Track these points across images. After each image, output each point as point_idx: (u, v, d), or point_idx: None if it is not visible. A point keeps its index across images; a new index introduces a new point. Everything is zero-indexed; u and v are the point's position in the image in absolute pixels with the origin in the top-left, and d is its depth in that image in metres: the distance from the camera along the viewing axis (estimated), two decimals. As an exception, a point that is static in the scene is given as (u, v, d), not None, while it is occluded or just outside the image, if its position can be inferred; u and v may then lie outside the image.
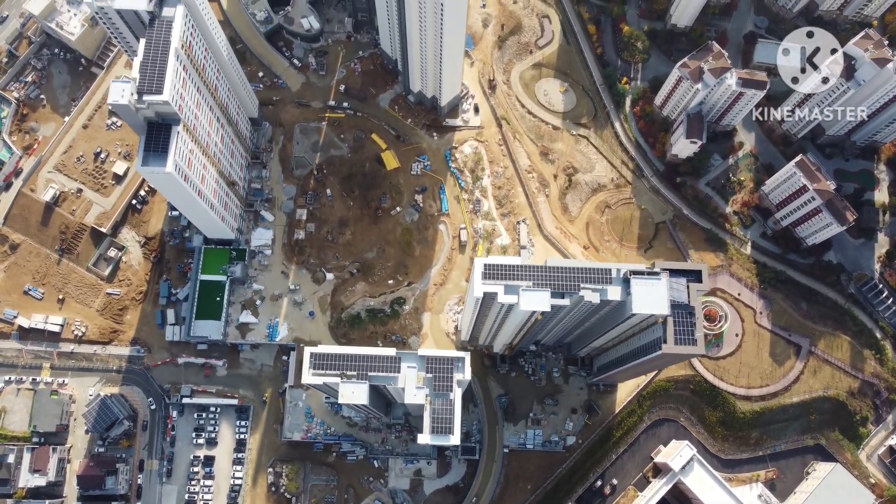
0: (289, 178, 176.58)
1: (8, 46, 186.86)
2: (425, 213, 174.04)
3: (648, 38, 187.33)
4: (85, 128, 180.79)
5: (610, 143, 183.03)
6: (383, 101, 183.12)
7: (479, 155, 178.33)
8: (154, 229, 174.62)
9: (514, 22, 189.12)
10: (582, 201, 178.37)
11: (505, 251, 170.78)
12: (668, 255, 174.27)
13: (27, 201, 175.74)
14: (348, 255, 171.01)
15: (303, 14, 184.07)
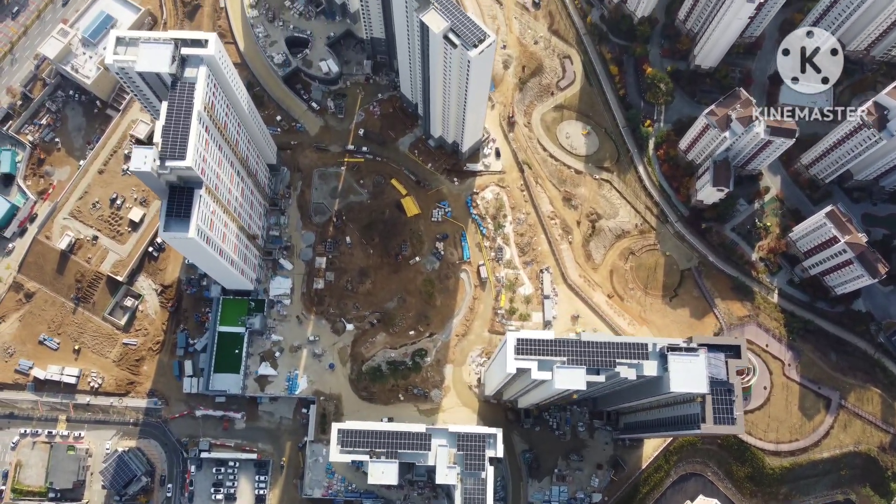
0: (307, 225, 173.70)
1: (22, 89, 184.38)
2: (446, 261, 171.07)
3: (672, 78, 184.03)
4: (101, 173, 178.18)
5: (633, 188, 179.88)
6: (403, 144, 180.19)
7: (500, 201, 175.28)
8: (171, 277, 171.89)
9: (536, 63, 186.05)
10: (605, 248, 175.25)
11: (528, 301, 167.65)
12: (694, 304, 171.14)
13: (42, 249, 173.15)
14: (368, 304, 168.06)
15: (321, 57, 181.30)
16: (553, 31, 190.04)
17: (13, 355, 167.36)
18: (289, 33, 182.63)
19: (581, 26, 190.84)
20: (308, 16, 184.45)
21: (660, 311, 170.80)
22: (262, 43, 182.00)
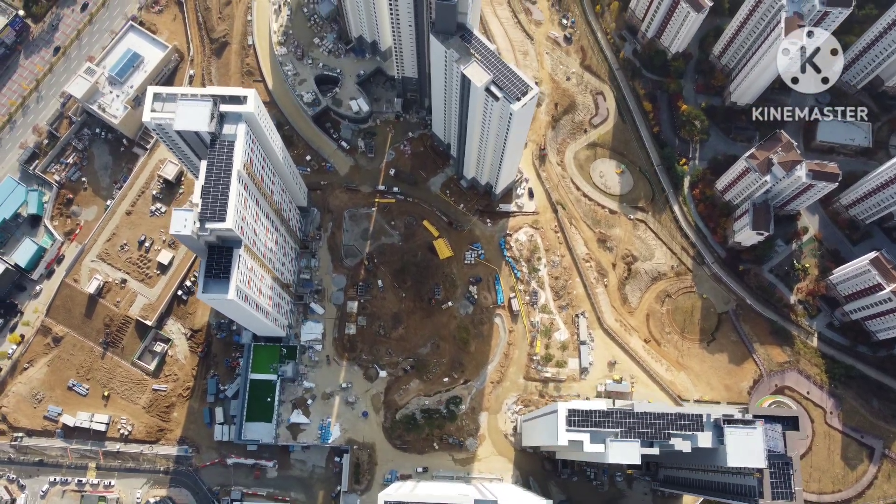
0: (338, 267, 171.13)
1: (48, 127, 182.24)
2: (480, 305, 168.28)
3: (706, 114, 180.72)
4: (128, 214, 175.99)
5: (669, 228, 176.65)
6: (434, 184, 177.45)
7: (534, 243, 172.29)
8: (200, 322, 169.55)
9: (568, 100, 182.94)
10: (641, 291, 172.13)
11: (564, 347, 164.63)
12: (732, 349, 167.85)
13: (70, 292, 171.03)
14: (401, 350, 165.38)
15: (351, 96, 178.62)
16: (585, 66, 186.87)
17: (42, 401, 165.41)
18: (318, 71, 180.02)
19: (613, 61, 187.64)
20: (337, 53, 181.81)
21: (697, 357, 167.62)
22: (291, 81, 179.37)
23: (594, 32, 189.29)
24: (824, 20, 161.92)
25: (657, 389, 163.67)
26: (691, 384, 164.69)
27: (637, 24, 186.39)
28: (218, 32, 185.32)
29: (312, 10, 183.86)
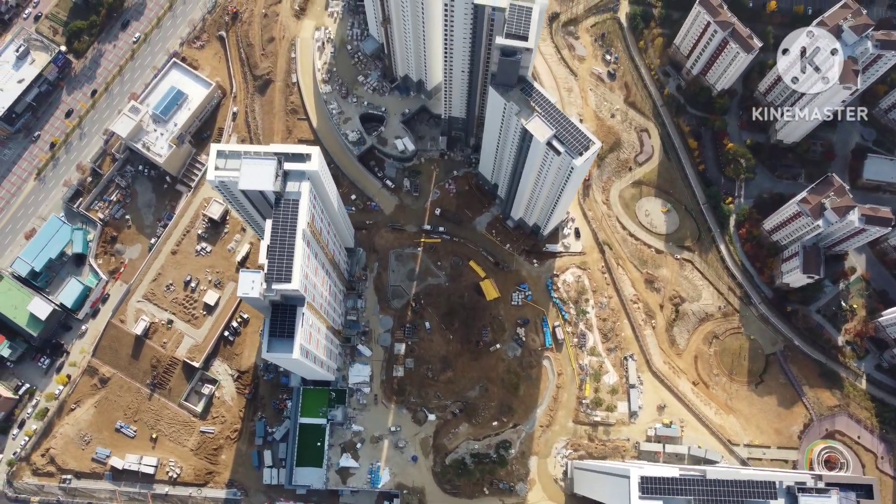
0: (385, 308, 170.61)
1: (92, 165, 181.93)
2: (528, 347, 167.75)
3: (751, 151, 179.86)
4: (174, 253, 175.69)
5: (715, 268, 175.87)
6: (480, 224, 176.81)
7: (581, 284, 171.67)
8: (247, 363, 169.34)
9: (613, 138, 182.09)
10: (689, 332, 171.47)
11: (614, 391, 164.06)
12: (781, 391, 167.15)
13: (117, 333, 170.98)
14: (450, 393, 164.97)
15: (396, 134, 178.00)
16: (629, 103, 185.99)
17: (90, 443, 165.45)
18: (363, 110, 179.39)
19: (658, 98, 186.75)
20: (381, 91, 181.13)
21: (746, 399, 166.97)
22: (335, 120, 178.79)
23: (638, 68, 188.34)
24: (877, 63, 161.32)
25: (707, 434, 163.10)
26: (741, 428, 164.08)
27: (681, 60, 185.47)
28: (261, 69, 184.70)
29: (356, 48, 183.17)
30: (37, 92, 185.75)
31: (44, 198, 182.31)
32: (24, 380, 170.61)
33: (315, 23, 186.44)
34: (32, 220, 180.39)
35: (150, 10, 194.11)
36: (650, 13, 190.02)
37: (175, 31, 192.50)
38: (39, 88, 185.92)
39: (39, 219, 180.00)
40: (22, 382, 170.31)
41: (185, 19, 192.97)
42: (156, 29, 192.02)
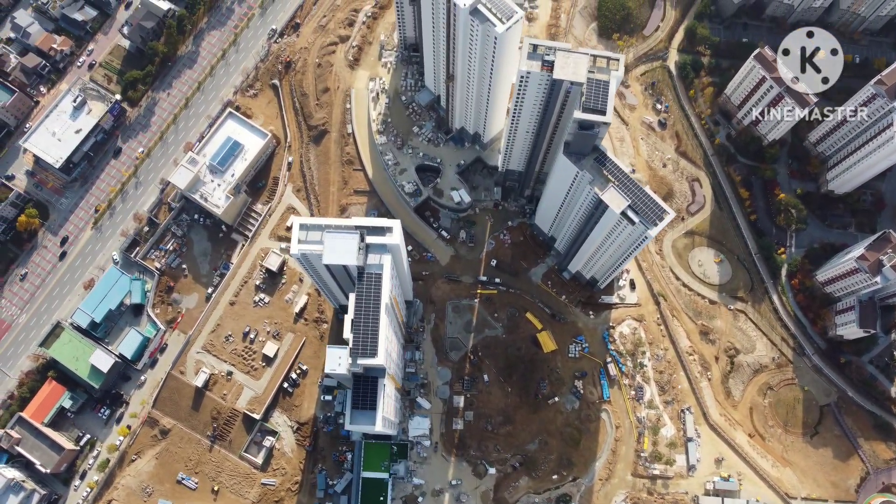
0: (443, 361, 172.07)
1: (148, 214, 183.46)
2: (586, 400, 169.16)
3: (801, 201, 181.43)
4: (232, 304, 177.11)
5: (768, 319, 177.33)
6: (535, 275, 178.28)
7: (637, 336, 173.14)
8: (307, 414, 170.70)
9: (666, 188, 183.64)
10: (744, 384, 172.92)
11: (672, 444, 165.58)
12: (836, 443, 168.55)
13: (177, 384, 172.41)
14: (509, 446, 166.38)
15: (452, 186, 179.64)
16: (680, 152, 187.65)
17: (151, 495, 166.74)
18: (419, 161, 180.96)
19: (708, 147, 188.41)
20: (436, 142, 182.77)
21: (802, 451, 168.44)
22: (391, 171, 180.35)
23: (688, 117, 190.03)
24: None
25: (765, 487, 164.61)
26: (798, 481, 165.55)
27: (731, 109, 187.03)
28: (316, 119, 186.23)
29: (410, 99, 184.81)
30: (93, 141, 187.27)
31: (101, 247, 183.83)
32: (85, 430, 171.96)
33: (369, 73, 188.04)
34: (90, 269, 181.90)
35: (203, 58, 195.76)
36: (699, 62, 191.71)
37: (228, 80, 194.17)
38: (96, 138, 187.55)
39: (97, 269, 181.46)
40: (83, 433, 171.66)
41: (238, 68, 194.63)
42: (209, 77, 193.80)
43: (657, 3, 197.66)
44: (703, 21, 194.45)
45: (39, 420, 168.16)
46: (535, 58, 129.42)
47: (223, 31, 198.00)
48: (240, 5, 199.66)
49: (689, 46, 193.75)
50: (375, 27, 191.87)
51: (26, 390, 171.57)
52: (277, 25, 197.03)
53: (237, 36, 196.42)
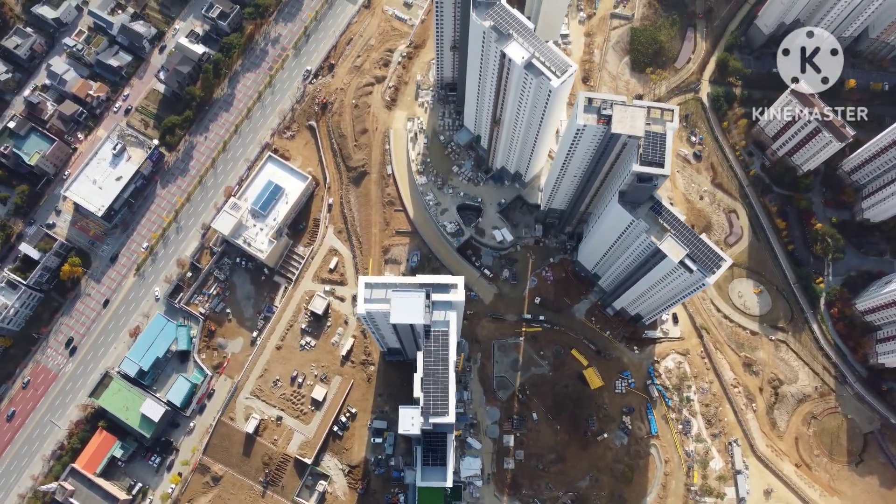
0: (491, 400, 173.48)
1: (190, 259, 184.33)
2: (634, 435, 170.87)
3: (837, 229, 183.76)
4: (278, 349, 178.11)
5: (809, 348, 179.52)
6: (579, 311, 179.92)
7: (682, 370, 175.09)
8: (357, 457, 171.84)
9: (704, 221, 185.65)
10: (788, 414, 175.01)
11: (721, 477, 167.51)
12: (882, 471, 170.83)
13: (227, 430, 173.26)
14: (561, 484, 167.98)
15: (494, 225, 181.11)
16: (717, 184, 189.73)
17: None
18: (459, 200, 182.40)
19: (743, 178, 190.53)
20: (476, 181, 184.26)
21: (848, 480, 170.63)
22: (433, 211, 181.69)
23: (722, 149, 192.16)
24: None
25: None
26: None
27: (765, 140, 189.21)
28: (356, 161, 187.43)
29: (449, 138, 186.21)
30: (133, 187, 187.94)
31: (144, 293, 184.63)
32: (137, 479, 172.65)
33: (406, 113, 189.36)
34: (135, 316, 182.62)
35: (240, 101, 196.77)
36: (732, 93, 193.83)
37: (265, 122, 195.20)
38: (135, 184, 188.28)
39: (142, 315, 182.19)
40: (134, 482, 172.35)
41: (275, 110, 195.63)
42: (245, 120, 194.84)
43: (688, 36, 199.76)
44: (733, 52, 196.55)
45: (92, 471, 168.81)
46: (590, 111, 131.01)
47: (258, 72, 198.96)
48: (273, 47, 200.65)
49: (721, 78, 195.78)
50: (411, 67, 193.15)
51: (77, 441, 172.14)
52: (312, 66, 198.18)
53: (272, 77, 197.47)
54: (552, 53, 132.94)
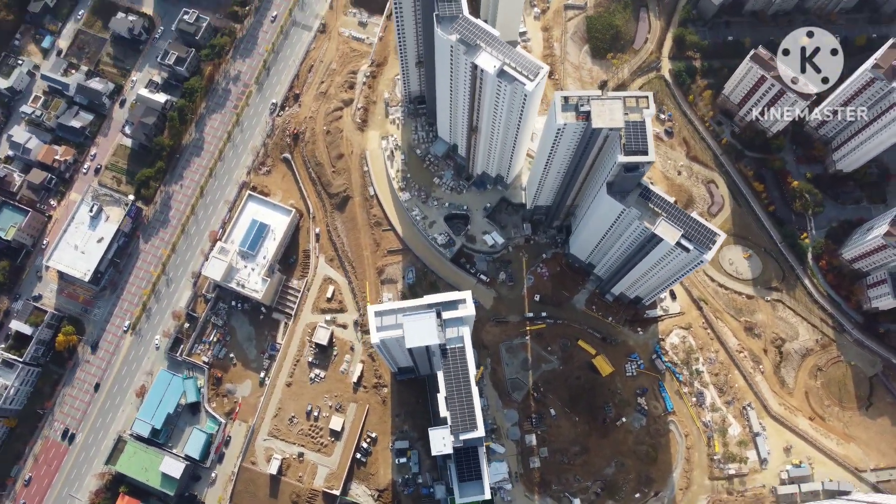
0: (507, 402, 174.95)
1: (185, 310, 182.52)
2: (651, 415, 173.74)
3: (813, 184, 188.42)
4: (288, 385, 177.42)
5: (804, 303, 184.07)
6: (578, 302, 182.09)
7: (688, 344, 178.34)
8: (384, 480, 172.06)
9: (685, 195, 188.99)
10: (795, 370, 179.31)
11: (741, 443, 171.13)
12: (891, 410, 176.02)
13: (251, 475, 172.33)
14: (588, 474, 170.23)
15: (483, 230, 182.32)
16: (691, 157, 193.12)
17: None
18: (445, 211, 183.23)
19: (716, 147, 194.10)
20: (459, 189, 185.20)
21: (861, 424, 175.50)
22: (421, 225, 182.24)
23: (692, 122, 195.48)
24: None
25: (835, 466, 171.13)
26: (864, 454, 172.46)
27: (732, 108, 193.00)
28: (336, 187, 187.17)
29: (425, 151, 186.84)
30: (116, 247, 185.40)
31: (144, 351, 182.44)
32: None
33: (379, 132, 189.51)
34: (138, 375, 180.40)
35: (210, 143, 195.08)
36: (692, 66, 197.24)
37: (238, 161, 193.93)
38: (118, 243, 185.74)
39: (145, 374, 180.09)
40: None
41: (247, 147, 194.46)
42: (219, 162, 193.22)
43: (641, 17, 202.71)
44: (687, 26, 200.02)
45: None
46: (568, 109, 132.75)
47: (223, 112, 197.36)
48: (235, 84, 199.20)
49: (679, 53, 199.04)
50: (376, 86, 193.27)
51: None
52: (277, 99, 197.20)
53: (239, 116, 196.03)
54: (522, 58, 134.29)
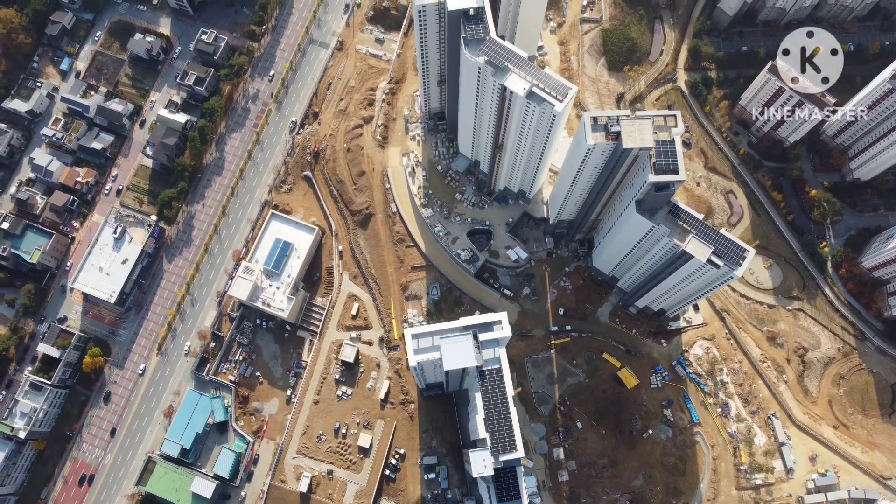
0: (534, 417, 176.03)
1: (211, 329, 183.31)
2: (677, 426, 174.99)
3: (831, 193, 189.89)
4: (316, 403, 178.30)
5: (826, 312, 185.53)
6: (602, 315, 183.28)
7: (711, 354, 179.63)
8: (413, 496, 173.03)
9: (704, 206, 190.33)
10: (818, 379, 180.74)
11: (767, 452, 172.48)
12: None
13: (280, 493, 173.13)
14: (616, 487, 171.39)
15: (506, 245, 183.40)
16: (710, 168, 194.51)
17: None
18: (468, 227, 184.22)
19: (734, 158, 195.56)
20: (481, 205, 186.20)
21: (885, 432, 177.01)
22: (444, 241, 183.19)
23: (709, 133, 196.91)
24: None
25: (860, 474, 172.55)
26: (888, 461, 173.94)
27: (748, 118, 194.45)
28: (358, 204, 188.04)
29: (446, 167, 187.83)
30: (140, 268, 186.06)
31: (170, 371, 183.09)
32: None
33: (400, 149, 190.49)
34: (166, 396, 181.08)
35: (230, 162, 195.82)
36: (708, 77, 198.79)
37: (260, 180, 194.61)
38: (142, 264, 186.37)
39: (172, 394, 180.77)
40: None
41: (268, 166, 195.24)
42: (240, 181, 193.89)
43: (656, 28, 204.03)
44: (701, 37, 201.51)
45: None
46: (598, 129, 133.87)
47: (243, 132, 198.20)
48: (254, 103, 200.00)
49: (695, 64, 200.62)
50: (396, 102, 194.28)
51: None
52: (296, 117, 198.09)
53: (259, 134, 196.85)
54: (550, 79, 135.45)
